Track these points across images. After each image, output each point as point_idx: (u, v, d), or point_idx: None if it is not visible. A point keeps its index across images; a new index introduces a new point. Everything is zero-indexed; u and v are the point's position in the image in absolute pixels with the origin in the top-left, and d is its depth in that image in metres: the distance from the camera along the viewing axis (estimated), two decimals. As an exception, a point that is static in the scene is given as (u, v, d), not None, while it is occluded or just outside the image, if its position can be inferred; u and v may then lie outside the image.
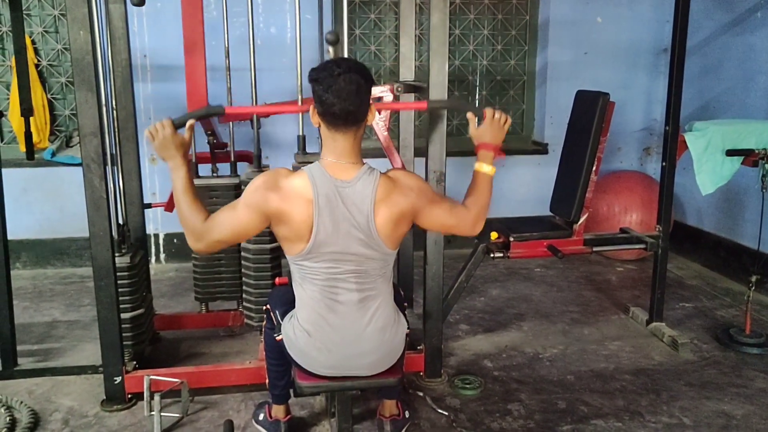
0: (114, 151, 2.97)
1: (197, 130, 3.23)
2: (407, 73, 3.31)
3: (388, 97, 3.03)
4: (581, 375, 3.04)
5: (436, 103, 2.62)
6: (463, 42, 4.97)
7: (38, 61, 4.43)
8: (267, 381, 2.48)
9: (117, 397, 2.72)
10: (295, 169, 2.04)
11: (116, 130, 3.02)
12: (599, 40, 4.93)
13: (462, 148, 4.96)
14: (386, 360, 2.08)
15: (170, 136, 2.04)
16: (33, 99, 4.10)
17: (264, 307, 2.39)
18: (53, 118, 4.54)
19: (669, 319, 3.57)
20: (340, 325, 2.00)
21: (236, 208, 1.95)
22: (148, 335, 3.06)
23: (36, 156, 3.98)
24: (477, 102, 5.11)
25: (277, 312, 2.20)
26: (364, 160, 2.02)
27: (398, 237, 2.01)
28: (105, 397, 2.73)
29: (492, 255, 3.18)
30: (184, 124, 2.17)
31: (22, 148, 4.16)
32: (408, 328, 2.15)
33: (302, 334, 2.02)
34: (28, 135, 3.09)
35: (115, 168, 2.93)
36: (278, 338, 2.11)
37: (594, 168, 3.16)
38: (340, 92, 1.86)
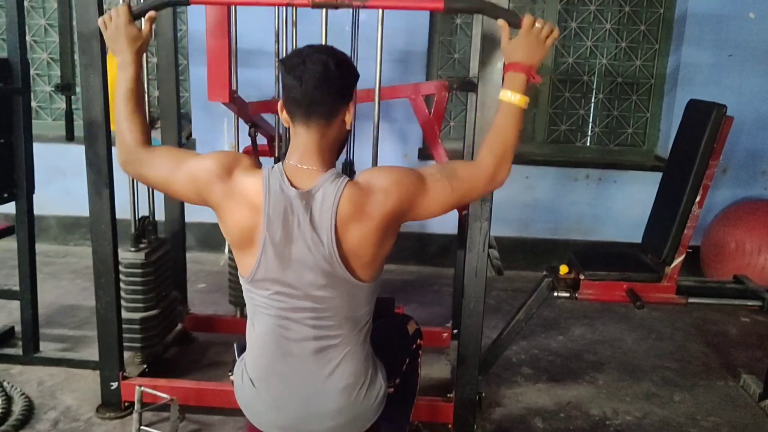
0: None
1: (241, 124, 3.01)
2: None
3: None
4: (653, 457, 2.43)
5: (454, 2, 2.02)
6: (580, 37, 4.33)
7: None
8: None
9: (112, 404, 2.53)
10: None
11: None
12: (749, 40, 4.08)
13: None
14: (351, 427, 1.66)
15: (123, 26, 1.76)
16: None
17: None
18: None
19: (792, 396, 2.80)
20: (291, 377, 1.62)
21: (179, 166, 1.63)
22: (162, 338, 2.85)
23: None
24: (592, 107, 4.45)
25: (236, 345, 1.86)
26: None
27: (379, 260, 1.58)
28: (101, 402, 2.55)
29: (556, 294, 2.63)
30: (143, 14, 1.84)
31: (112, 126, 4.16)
32: (391, 387, 1.72)
33: (248, 384, 1.66)
34: (68, 113, 2.97)
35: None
36: (231, 377, 1.77)
37: (698, 198, 2.50)
38: (303, 74, 1.49)
